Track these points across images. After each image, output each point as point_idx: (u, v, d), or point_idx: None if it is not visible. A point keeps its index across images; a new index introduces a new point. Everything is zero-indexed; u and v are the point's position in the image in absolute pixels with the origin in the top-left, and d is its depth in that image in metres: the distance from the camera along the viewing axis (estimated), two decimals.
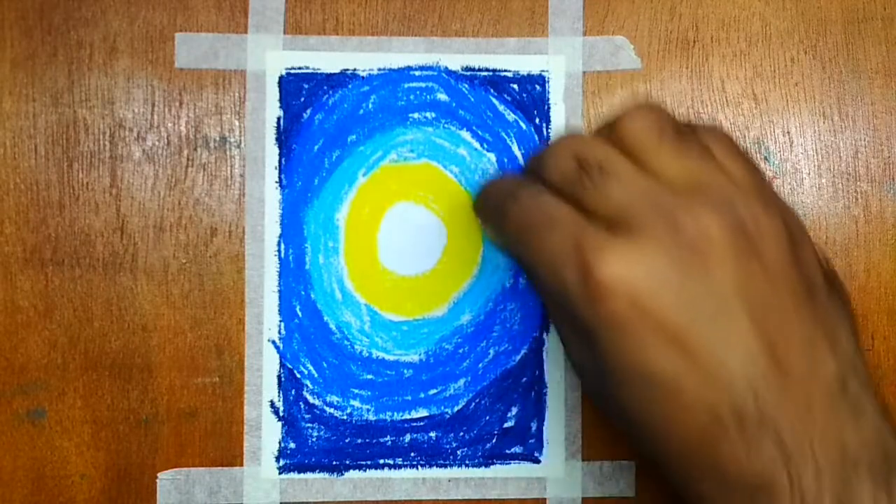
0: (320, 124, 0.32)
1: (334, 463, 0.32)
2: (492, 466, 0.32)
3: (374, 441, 0.32)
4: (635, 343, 0.23)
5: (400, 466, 0.32)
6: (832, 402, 0.23)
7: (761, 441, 0.22)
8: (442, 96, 0.32)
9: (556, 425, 0.32)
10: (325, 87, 0.32)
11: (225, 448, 0.32)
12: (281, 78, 0.32)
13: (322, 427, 0.32)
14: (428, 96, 0.32)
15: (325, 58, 0.32)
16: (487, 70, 0.32)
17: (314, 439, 0.32)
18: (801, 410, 0.22)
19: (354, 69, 0.32)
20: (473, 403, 0.32)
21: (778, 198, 0.25)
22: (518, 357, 0.32)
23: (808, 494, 0.22)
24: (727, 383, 0.22)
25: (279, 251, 0.32)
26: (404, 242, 0.32)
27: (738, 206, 0.23)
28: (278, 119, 0.32)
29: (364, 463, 0.32)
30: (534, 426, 0.32)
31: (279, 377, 0.32)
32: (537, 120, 0.32)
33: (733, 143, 0.26)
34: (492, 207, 0.28)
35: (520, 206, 0.26)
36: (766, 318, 0.23)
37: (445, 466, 0.32)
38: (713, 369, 0.22)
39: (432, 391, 0.32)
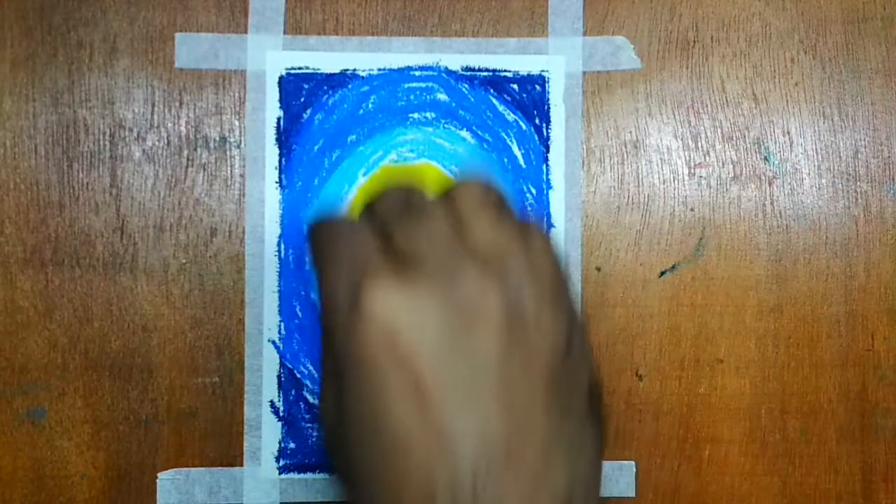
0: (320, 124, 0.32)
1: None
2: None
3: None
4: (377, 384, 0.22)
5: None
6: None
7: None
8: (442, 96, 0.32)
9: None
10: (325, 87, 0.32)
11: (225, 448, 0.32)
12: (281, 78, 0.32)
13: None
14: (428, 96, 0.32)
15: (325, 58, 0.32)
16: (487, 70, 0.32)
17: (314, 439, 0.32)
18: None
19: (354, 69, 0.32)
20: None
21: (573, 309, 0.25)
22: None
23: None
24: (453, 456, 0.21)
25: (279, 251, 0.32)
26: None
27: (525, 293, 0.23)
28: (278, 119, 0.32)
29: None
30: None
31: (279, 377, 0.32)
32: (537, 120, 0.32)
33: (551, 244, 0.25)
34: (309, 229, 0.27)
35: (330, 226, 0.25)
36: (514, 407, 0.22)
37: None
38: (444, 437, 0.21)
39: None
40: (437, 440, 0.21)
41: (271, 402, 0.32)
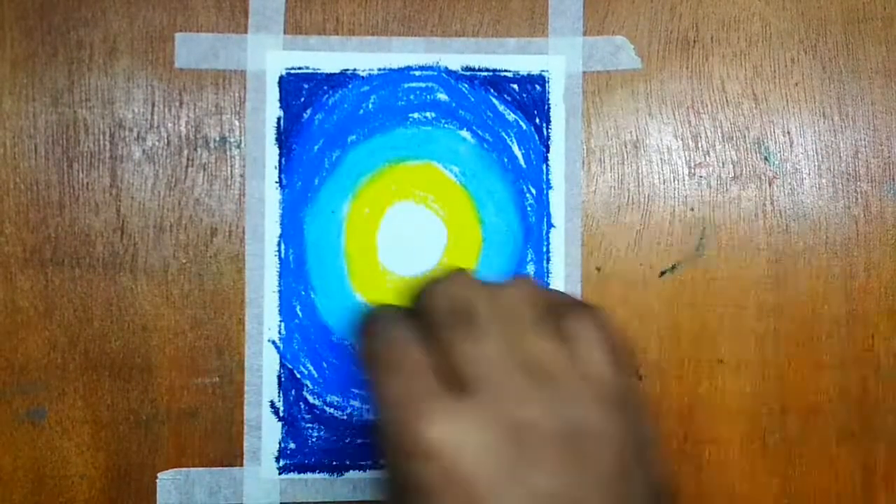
0: (320, 124, 0.32)
1: (334, 463, 0.32)
2: None
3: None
4: None
5: None
6: None
7: None
8: (442, 96, 0.32)
9: None
10: (325, 87, 0.32)
11: (225, 448, 0.32)
12: (281, 78, 0.32)
13: (322, 427, 0.32)
14: (428, 96, 0.32)
15: (325, 58, 0.32)
16: (487, 70, 0.32)
17: (314, 439, 0.32)
18: None
19: (354, 69, 0.32)
20: None
21: (629, 397, 0.24)
22: None
23: None
24: None
25: (279, 251, 0.32)
26: (404, 242, 0.32)
27: (578, 407, 0.23)
28: (278, 119, 0.32)
29: (364, 463, 0.32)
30: None
31: (279, 377, 0.32)
32: (537, 120, 0.32)
33: (605, 330, 0.25)
34: (359, 329, 0.27)
35: (375, 337, 0.25)
36: None
37: None
38: None
39: None
40: None
41: (271, 402, 0.32)
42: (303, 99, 0.32)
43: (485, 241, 0.32)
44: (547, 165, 0.32)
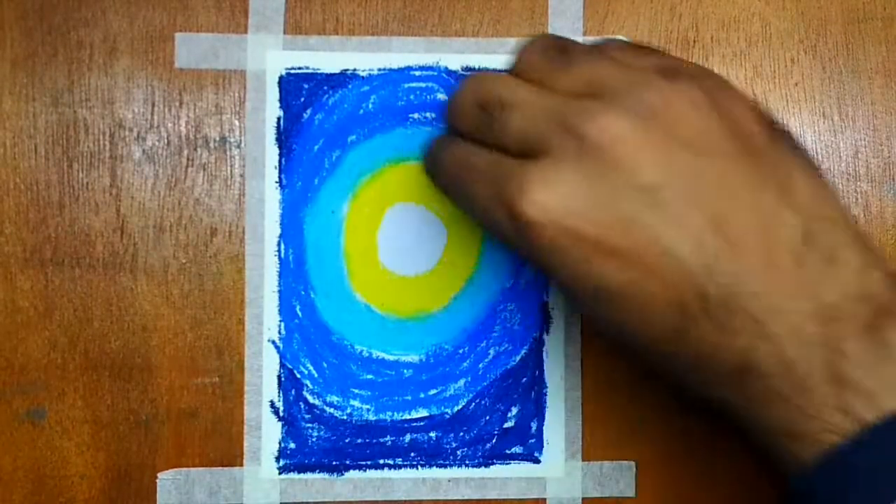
0: (320, 124, 0.32)
1: (334, 463, 0.32)
2: (492, 466, 0.32)
3: (374, 441, 0.32)
4: (578, 265, 0.22)
5: (400, 466, 0.32)
6: (797, 258, 0.21)
7: (730, 318, 0.21)
8: (442, 96, 0.32)
9: (556, 425, 0.32)
10: (325, 87, 0.32)
11: (225, 448, 0.32)
12: (281, 78, 0.32)
13: (322, 427, 0.32)
14: (428, 96, 0.32)
15: (325, 58, 0.32)
16: (488, 70, 0.32)
17: (314, 439, 0.32)
18: (763, 276, 0.21)
19: (354, 69, 0.32)
20: (473, 403, 0.32)
21: (688, 64, 0.24)
22: (518, 357, 0.32)
23: (795, 360, 0.21)
24: (680, 273, 0.22)
25: (279, 251, 0.32)
26: (404, 242, 0.32)
27: (639, 91, 0.22)
28: (278, 119, 0.32)
29: (364, 463, 0.32)
30: (534, 426, 0.32)
31: (279, 377, 0.32)
32: None
33: (631, 43, 0.26)
34: (428, 168, 0.28)
35: (442, 163, 0.26)
36: (703, 194, 0.22)
37: (445, 466, 0.32)
38: (662, 266, 0.22)
39: (432, 391, 0.32)
40: (658, 274, 0.22)
41: (271, 402, 0.32)
42: (303, 99, 0.32)
43: (485, 240, 0.32)
44: None
